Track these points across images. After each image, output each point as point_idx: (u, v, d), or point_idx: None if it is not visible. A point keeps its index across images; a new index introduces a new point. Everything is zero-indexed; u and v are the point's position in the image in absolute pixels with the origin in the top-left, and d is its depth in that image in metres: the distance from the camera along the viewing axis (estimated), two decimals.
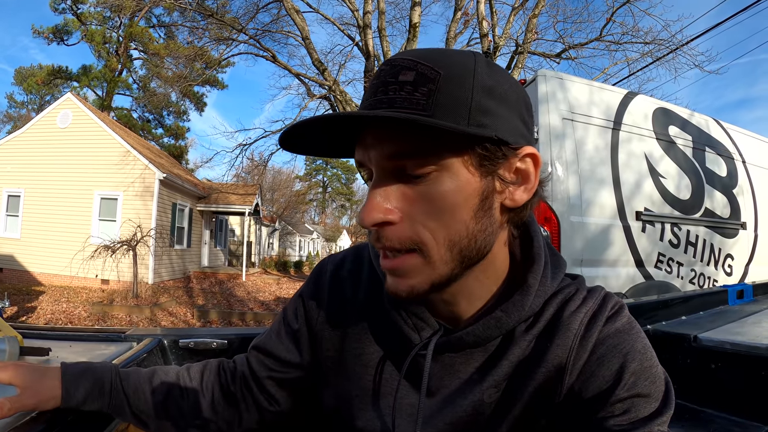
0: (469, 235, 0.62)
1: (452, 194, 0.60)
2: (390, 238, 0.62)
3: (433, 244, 0.61)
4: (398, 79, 0.59)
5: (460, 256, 0.63)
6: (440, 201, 0.60)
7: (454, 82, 0.59)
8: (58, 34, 28.82)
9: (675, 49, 11.15)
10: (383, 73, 0.61)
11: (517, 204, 0.65)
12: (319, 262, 0.95)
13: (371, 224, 0.61)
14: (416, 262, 0.63)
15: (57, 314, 10.44)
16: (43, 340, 1.21)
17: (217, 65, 15.73)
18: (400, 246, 0.62)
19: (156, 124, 33.21)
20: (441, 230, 0.61)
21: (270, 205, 32.94)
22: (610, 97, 4.11)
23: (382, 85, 0.60)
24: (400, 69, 0.60)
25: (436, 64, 0.59)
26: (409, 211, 0.61)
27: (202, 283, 16.82)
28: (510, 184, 0.64)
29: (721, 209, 4.52)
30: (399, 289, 0.65)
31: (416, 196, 0.61)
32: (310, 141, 0.66)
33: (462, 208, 0.61)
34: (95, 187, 14.59)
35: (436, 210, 0.60)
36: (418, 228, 0.61)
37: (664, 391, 0.64)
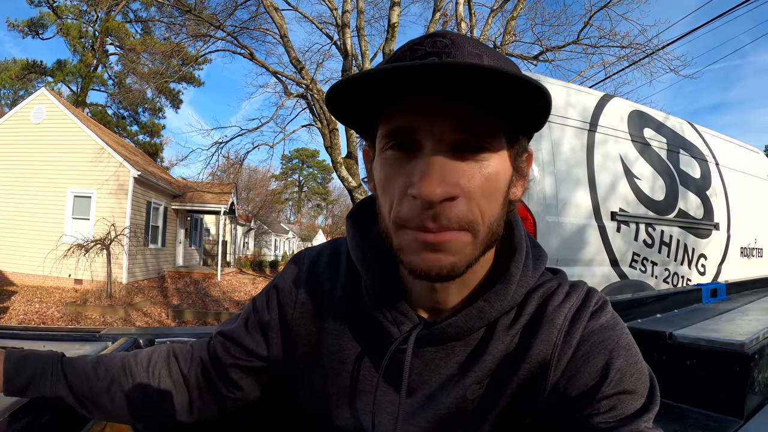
0: (499, 219, 0.64)
1: (499, 179, 0.61)
2: (450, 217, 0.57)
3: (483, 224, 0.61)
4: (465, 54, 0.58)
5: (490, 240, 0.63)
6: (492, 182, 0.60)
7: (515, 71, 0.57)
8: (34, 28, 28.15)
9: (651, 53, 11.35)
10: (442, 44, 0.59)
11: (516, 197, 0.68)
12: (294, 254, 0.93)
13: (441, 198, 0.56)
14: (465, 241, 0.60)
15: (30, 315, 10.27)
16: (16, 340, 1.19)
17: (194, 62, 15.53)
18: (458, 225, 0.58)
19: (131, 121, 32.66)
20: (488, 211, 0.61)
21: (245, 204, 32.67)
22: (587, 99, 4.15)
23: (446, 55, 0.58)
24: (464, 44, 0.59)
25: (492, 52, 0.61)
26: (468, 187, 0.58)
27: (176, 282, 16.63)
28: (518, 179, 0.67)
29: (695, 210, 4.59)
30: (440, 265, 0.60)
31: (473, 173, 0.59)
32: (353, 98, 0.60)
33: (501, 192, 0.62)
34: (69, 184, 14.31)
35: (488, 191, 0.60)
36: (473, 206, 0.59)
37: (649, 387, 0.65)
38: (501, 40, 11.41)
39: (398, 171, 0.61)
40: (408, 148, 0.60)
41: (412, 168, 0.59)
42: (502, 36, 11.34)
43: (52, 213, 14.09)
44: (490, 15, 11.59)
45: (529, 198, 3.64)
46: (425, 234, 0.59)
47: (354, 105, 0.62)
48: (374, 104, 0.61)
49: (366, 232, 0.78)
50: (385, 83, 0.56)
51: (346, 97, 0.60)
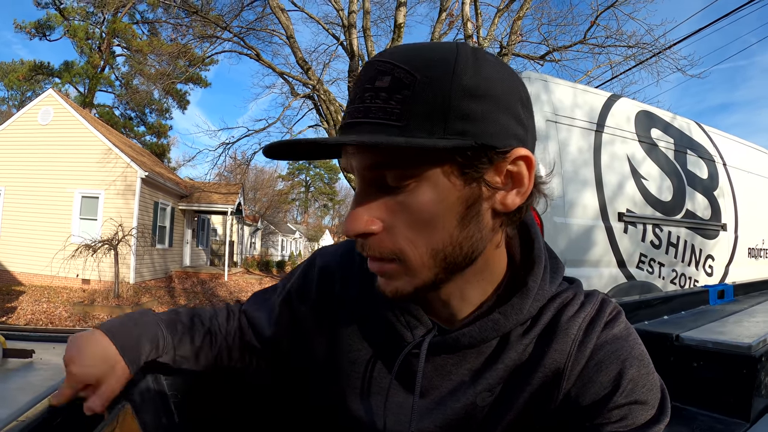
0: (453, 242, 0.60)
1: (433, 204, 0.58)
2: (372, 248, 0.62)
3: (414, 253, 0.61)
4: (374, 85, 0.57)
5: (445, 263, 0.62)
6: (420, 212, 0.59)
7: (431, 86, 0.55)
8: (41, 29, 28.34)
9: (658, 52, 11.32)
10: (362, 77, 0.60)
11: (508, 208, 0.62)
12: (310, 254, 0.95)
13: (354, 235, 0.62)
14: (396, 270, 0.63)
15: (37, 314, 10.31)
16: (26, 342, 1.20)
17: (200, 63, 15.59)
18: (381, 256, 0.62)
19: (138, 121, 32.84)
20: (421, 240, 0.60)
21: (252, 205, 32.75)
22: (594, 100, 4.14)
23: (359, 92, 0.59)
24: (376, 73, 0.57)
25: (413, 66, 0.56)
26: (390, 221, 0.60)
27: (184, 282, 16.68)
28: (499, 189, 0.61)
29: (702, 211, 4.57)
30: (385, 290, 0.65)
31: (397, 207, 0.59)
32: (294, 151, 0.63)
33: (444, 217, 0.59)
34: (76, 185, 14.40)
35: (417, 221, 0.59)
36: (397, 239, 0.60)
37: (660, 398, 0.65)
38: (507, 40, 11.40)
39: None
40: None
41: None
42: (509, 36, 11.33)
43: (60, 213, 14.18)
44: (496, 15, 11.59)
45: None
46: (370, 262, 0.65)
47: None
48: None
49: None
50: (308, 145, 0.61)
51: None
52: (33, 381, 0.95)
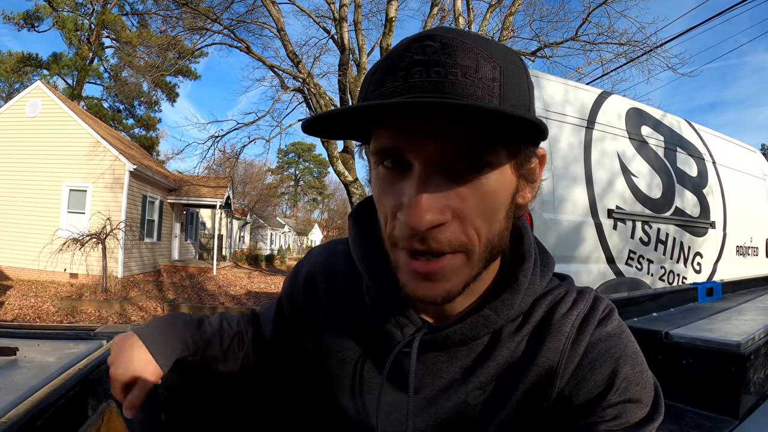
0: (500, 233, 0.61)
1: (499, 193, 0.58)
2: (440, 240, 0.56)
3: (478, 244, 0.58)
4: (457, 61, 0.53)
5: (490, 255, 0.62)
6: (490, 200, 0.57)
7: (515, 78, 0.55)
8: (29, 20, 27.97)
9: (649, 50, 11.37)
10: (431, 50, 0.54)
11: (526, 201, 0.64)
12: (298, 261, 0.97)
13: (428, 227, 0.55)
14: (460, 264, 0.59)
15: (25, 309, 10.24)
16: (10, 339, 1.18)
17: (190, 55, 15.48)
18: (450, 249, 0.57)
19: (127, 114, 32.56)
20: (485, 229, 0.58)
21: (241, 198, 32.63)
22: (585, 96, 4.15)
23: (436, 65, 0.53)
24: (455, 50, 0.53)
25: (493, 53, 0.55)
26: (461, 209, 0.56)
27: (172, 276, 16.61)
28: (527, 183, 0.64)
29: (691, 208, 4.60)
30: (434, 294, 0.60)
31: (468, 194, 0.56)
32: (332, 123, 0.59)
33: (502, 208, 0.59)
34: (64, 178, 14.25)
35: (485, 209, 0.57)
36: (468, 228, 0.57)
37: (654, 396, 0.65)
38: (499, 35, 11.40)
39: (390, 189, 0.59)
40: (398, 166, 0.58)
41: (402, 188, 0.57)
42: (500, 31, 11.33)
43: (48, 207, 14.04)
44: (488, 10, 11.60)
45: None
46: (416, 262, 0.58)
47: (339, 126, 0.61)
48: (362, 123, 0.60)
49: (368, 232, 0.75)
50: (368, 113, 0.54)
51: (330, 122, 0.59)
52: (16, 380, 0.92)
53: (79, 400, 0.97)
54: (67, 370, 0.99)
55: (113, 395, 0.84)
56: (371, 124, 0.59)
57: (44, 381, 0.91)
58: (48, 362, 1.06)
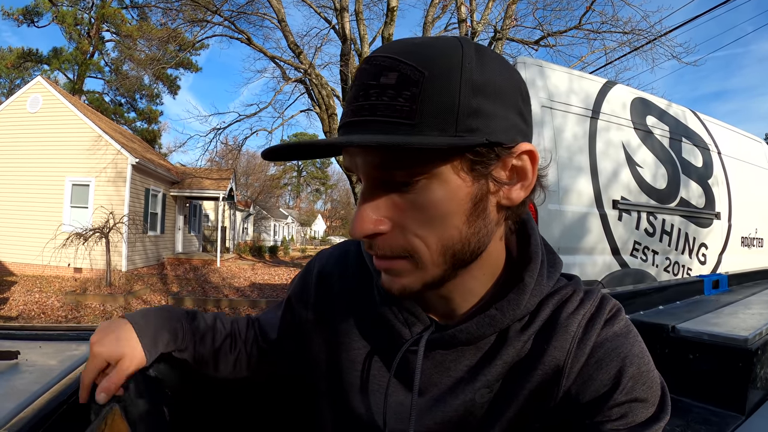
0: (462, 239, 0.60)
1: (443, 202, 0.58)
2: (382, 247, 0.61)
3: (425, 251, 0.60)
4: (380, 82, 0.56)
5: (453, 260, 0.62)
6: (431, 209, 0.58)
7: (440, 83, 0.54)
8: (29, 16, 28.01)
9: (653, 39, 11.29)
10: (364, 73, 0.58)
11: (513, 202, 0.63)
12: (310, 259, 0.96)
13: (362, 236, 0.60)
14: (407, 267, 0.62)
15: (29, 305, 10.26)
16: (12, 341, 1.17)
17: (191, 47, 15.47)
18: (392, 254, 0.61)
19: (128, 107, 32.68)
20: (432, 237, 0.59)
21: (244, 190, 32.68)
22: (589, 86, 4.13)
23: (363, 89, 0.57)
24: (381, 69, 0.56)
25: (419, 62, 0.55)
26: (400, 219, 0.59)
27: (176, 269, 16.65)
28: (505, 184, 0.61)
29: (697, 199, 4.59)
30: (393, 288, 0.64)
31: (406, 205, 0.59)
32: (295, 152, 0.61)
33: (454, 214, 0.59)
34: (67, 173, 14.28)
35: (427, 218, 0.59)
36: (409, 236, 0.60)
37: (660, 396, 0.64)
38: (502, 24, 11.33)
39: None
40: (360, 181, 0.63)
41: None
42: (503, 20, 11.26)
43: (51, 202, 14.07)
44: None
45: None
46: (377, 260, 0.64)
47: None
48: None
49: None
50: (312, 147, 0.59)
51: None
52: (18, 385, 0.91)
53: (81, 406, 0.94)
54: (69, 374, 0.98)
55: (84, 376, 0.82)
56: None
57: (46, 386, 0.90)
58: (50, 365, 1.04)
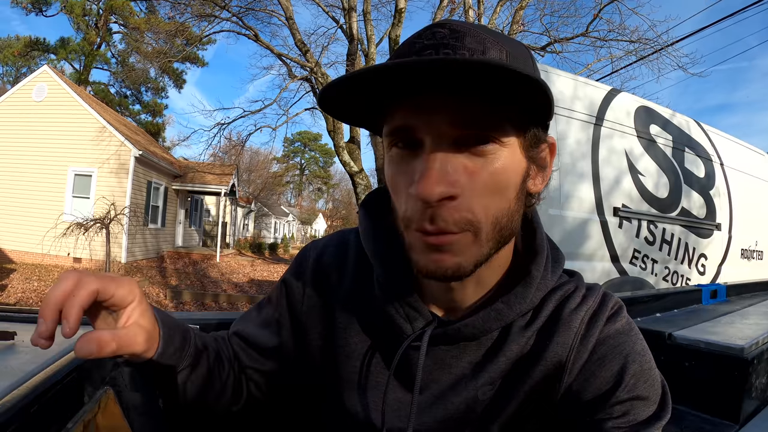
0: (510, 214, 0.60)
1: (508, 172, 0.58)
2: (446, 218, 0.56)
3: (486, 222, 0.58)
4: (465, 44, 0.55)
5: (500, 236, 0.61)
6: (498, 177, 0.57)
7: (521, 61, 0.57)
8: (37, 5, 27.95)
9: (660, 49, 11.26)
10: (441, 35, 0.56)
11: (538, 189, 0.65)
12: (302, 248, 0.91)
13: (438, 197, 0.54)
14: (468, 241, 0.58)
15: (28, 293, 10.29)
16: (9, 323, 1.17)
17: (198, 42, 15.45)
18: (456, 228, 0.57)
19: (133, 100, 32.72)
20: (493, 207, 0.58)
21: (246, 186, 32.63)
22: (594, 93, 4.12)
23: (445, 47, 0.55)
24: (464, 35, 0.55)
25: (499, 39, 0.57)
26: (470, 184, 0.56)
27: (176, 263, 16.66)
28: (540, 168, 0.64)
29: (698, 209, 4.58)
30: (445, 266, 0.59)
31: (476, 168, 0.56)
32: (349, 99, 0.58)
33: (511, 186, 0.59)
34: (70, 163, 14.27)
35: (494, 186, 0.57)
36: (475, 205, 0.57)
37: (661, 394, 0.65)
38: (509, 29, 11.33)
39: (402, 169, 0.60)
40: (411, 146, 0.59)
41: (414, 166, 0.58)
42: (510, 25, 11.26)
43: (53, 191, 14.06)
44: (498, 4, 11.52)
45: None
46: (427, 236, 0.58)
47: (353, 105, 0.61)
48: (375, 103, 0.60)
49: (379, 223, 0.75)
50: (379, 83, 0.54)
51: (344, 97, 0.58)
52: (13, 365, 0.91)
53: (75, 387, 0.96)
54: (65, 356, 0.98)
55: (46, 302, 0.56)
56: (384, 103, 0.60)
57: (41, 366, 0.90)
58: None
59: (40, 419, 0.80)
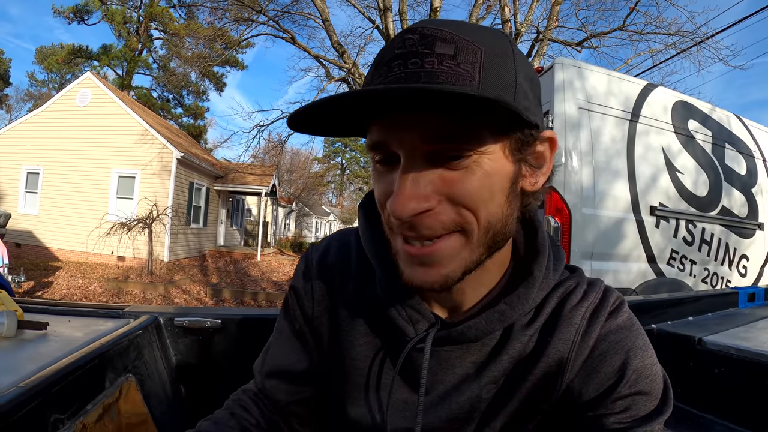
0: (502, 218, 0.59)
1: (491, 179, 0.57)
2: (431, 226, 0.56)
3: (476, 224, 0.57)
4: (434, 51, 0.53)
5: (492, 241, 0.60)
6: (482, 183, 0.56)
7: (497, 60, 0.55)
8: (79, 14, 29.09)
9: (699, 42, 10.87)
10: (410, 42, 0.55)
11: (535, 188, 0.63)
12: (304, 253, 0.90)
13: (410, 215, 0.55)
14: (457, 245, 0.58)
15: (72, 289, 10.63)
16: (44, 315, 1.26)
17: (236, 46, 15.71)
18: (444, 230, 0.57)
19: (175, 103, 33.57)
20: (482, 212, 0.57)
21: (288, 186, 33.04)
22: (629, 88, 4.02)
23: (413, 56, 0.54)
24: (433, 40, 0.54)
25: (474, 38, 0.55)
26: (449, 192, 0.56)
27: (217, 261, 16.98)
28: (534, 168, 0.62)
29: (739, 208, 4.42)
30: (431, 280, 0.59)
31: (457, 178, 0.56)
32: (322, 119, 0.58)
33: (499, 191, 0.58)
34: (113, 165, 14.75)
35: (478, 191, 0.56)
36: (460, 209, 0.56)
37: (663, 389, 0.64)
38: (545, 25, 11.15)
39: (383, 182, 0.60)
40: (389, 160, 0.59)
41: (392, 180, 0.58)
42: (546, 21, 11.08)
43: (97, 192, 14.58)
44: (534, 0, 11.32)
45: (565, 189, 3.57)
46: (410, 247, 0.59)
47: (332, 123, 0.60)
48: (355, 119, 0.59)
49: (378, 223, 0.73)
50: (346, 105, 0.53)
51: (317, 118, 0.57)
52: (43, 351, 0.99)
53: (97, 372, 1.03)
54: (90, 344, 1.06)
55: None
56: (362, 120, 0.60)
57: (67, 353, 0.98)
58: (75, 337, 1.13)
59: (60, 399, 0.86)
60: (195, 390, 1.46)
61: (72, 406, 0.90)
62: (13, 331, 1.04)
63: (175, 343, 1.46)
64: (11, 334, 1.04)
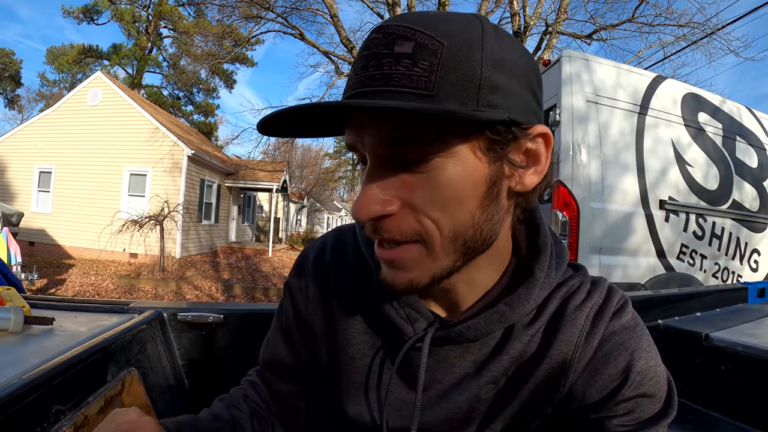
0: (474, 225, 0.56)
1: (458, 183, 0.54)
2: (390, 230, 0.56)
3: (437, 235, 0.55)
4: (393, 51, 0.51)
5: (464, 248, 0.58)
6: (444, 190, 0.54)
7: (460, 54, 0.51)
8: (88, 14, 29.32)
9: (710, 33, 10.73)
10: (374, 42, 0.53)
11: (526, 188, 0.59)
12: (302, 250, 0.90)
13: (368, 218, 0.55)
14: (417, 254, 0.57)
15: (85, 286, 10.71)
16: (50, 311, 1.27)
17: (245, 43, 15.76)
18: (402, 237, 0.56)
19: (186, 101, 33.76)
20: (445, 221, 0.55)
21: (299, 182, 33.11)
22: (638, 80, 3.98)
23: (374, 58, 0.52)
24: (394, 38, 0.52)
25: (437, 32, 0.51)
26: (410, 198, 0.54)
27: (228, 258, 17.05)
28: (519, 168, 0.58)
29: (750, 202, 4.37)
30: (397, 282, 0.59)
31: (418, 184, 0.54)
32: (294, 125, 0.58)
33: (468, 197, 0.55)
34: (125, 163, 14.85)
35: (440, 199, 0.54)
36: (421, 217, 0.55)
37: (667, 391, 0.63)
38: (554, 18, 11.06)
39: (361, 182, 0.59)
40: (365, 161, 0.58)
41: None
42: (555, 14, 10.99)
43: (109, 190, 14.68)
44: None
45: (573, 183, 3.55)
46: (380, 249, 0.59)
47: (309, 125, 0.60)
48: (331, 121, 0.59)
49: None
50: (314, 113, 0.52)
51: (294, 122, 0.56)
52: (48, 346, 1.01)
53: (99, 366, 1.05)
54: (94, 338, 1.09)
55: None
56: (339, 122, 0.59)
57: (70, 347, 1.00)
58: (80, 331, 1.15)
59: (62, 392, 0.88)
60: (198, 383, 1.48)
61: (73, 398, 0.92)
62: (20, 326, 1.06)
63: (179, 337, 1.48)
64: (18, 329, 1.06)
